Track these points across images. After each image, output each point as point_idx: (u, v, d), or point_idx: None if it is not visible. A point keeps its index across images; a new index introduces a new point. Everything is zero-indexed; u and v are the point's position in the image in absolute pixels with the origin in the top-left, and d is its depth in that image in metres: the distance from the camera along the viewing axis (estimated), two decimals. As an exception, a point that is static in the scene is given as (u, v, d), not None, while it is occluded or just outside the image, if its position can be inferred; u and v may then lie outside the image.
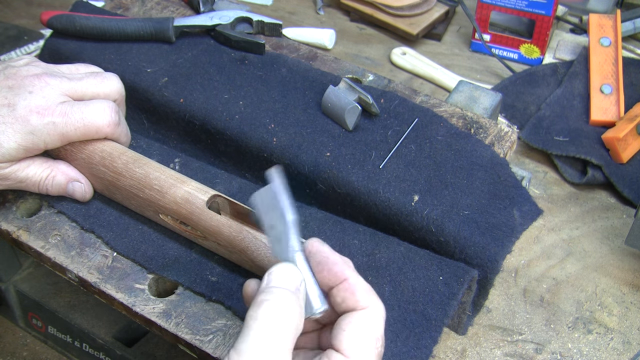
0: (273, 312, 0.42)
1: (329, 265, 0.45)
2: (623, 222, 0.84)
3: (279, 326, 0.41)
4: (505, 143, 0.70)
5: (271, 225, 0.46)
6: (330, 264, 0.45)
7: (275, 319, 0.41)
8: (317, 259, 0.45)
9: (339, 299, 0.45)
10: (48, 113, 0.60)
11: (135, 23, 0.79)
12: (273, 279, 0.44)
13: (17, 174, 0.62)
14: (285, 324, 0.42)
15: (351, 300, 0.44)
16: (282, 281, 0.44)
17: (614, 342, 0.71)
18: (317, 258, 0.45)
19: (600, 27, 1.01)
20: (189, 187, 0.60)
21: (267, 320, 0.41)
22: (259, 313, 0.41)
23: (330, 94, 0.70)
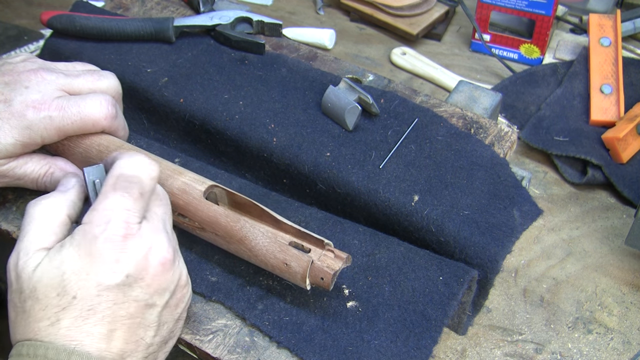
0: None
1: None
2: (623, 222, 0.84)
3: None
4: (505, 143, 0.70)
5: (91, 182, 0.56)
6: None
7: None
8: None
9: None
10: (44, 107, 0.60)
11: (135, 23, 0.79)
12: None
13: (15, 171, 0.62)
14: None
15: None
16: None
17: (614, 342, 0.71)
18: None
19: (600, 27, 1.01)
20: (186, 177, 0.59)
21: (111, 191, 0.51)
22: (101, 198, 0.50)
23: (330, 94, 0.70)
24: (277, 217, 0.57)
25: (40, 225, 0.51)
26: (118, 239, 0.48)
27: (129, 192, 0.50)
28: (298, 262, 0.53)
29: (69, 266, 0.47)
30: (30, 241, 0.50)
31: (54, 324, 0.47)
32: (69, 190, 0.55)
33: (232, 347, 0.56)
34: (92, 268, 0.47)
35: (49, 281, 0.47)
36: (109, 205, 0.49)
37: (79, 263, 0.47)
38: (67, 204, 0.53)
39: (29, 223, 0.51)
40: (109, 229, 0.48)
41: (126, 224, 0.48)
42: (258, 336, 0.56)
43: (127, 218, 0.49)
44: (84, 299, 0.47)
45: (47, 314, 0.47)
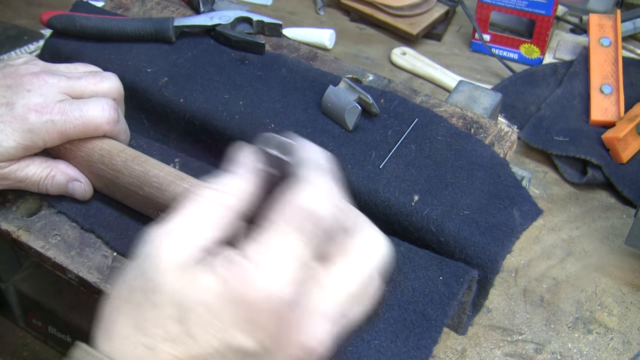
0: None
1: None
2: (623, 222, 0.84)
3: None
4: (505, 143, 0.70)
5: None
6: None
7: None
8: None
9: None
10: (46, 111, 0.60)
11: (135, 23, 0.79)
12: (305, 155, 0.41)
13: (17, 174, 0.62)
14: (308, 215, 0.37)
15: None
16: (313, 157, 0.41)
17: (614, 342, 0.71)
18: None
19: (600, 27, 1.01)
20: (188, 183, 0.59)
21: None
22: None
23: (330, 94, 0.70)
24: None
25: (207, 215, 0.39)
26: (276, 300, 0.35)
27: (308, 238, 0.37)
28: None
29: (204, 298, 0.36)
30: (193, 231, 0.38)
31: (150, 351, 0.36)
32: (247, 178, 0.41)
33: (232, 347, 0.55)
34: (228, 318, 0.35)
35: (180, 299, 0.36)
36: (276, 246, 0.36)
37: (216, 303, 0.35)
38: (244, 196, 0.40)
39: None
40: (266, 282, 0.35)
41: (291, 285, 0.36)
42: (258, 336, 0.56)
43: (295, 275, 0.36)
44: (203, 347, 0.36)
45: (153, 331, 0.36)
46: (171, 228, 0.38)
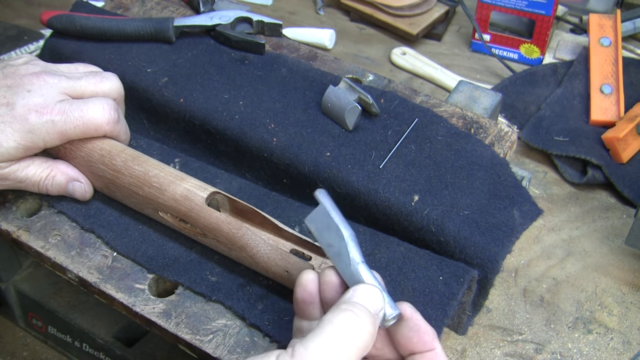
0: (351, 324, 0.42)
1: (420, 333, 0.46)
2: (623, 222, 0.84)
3: (351, 338, 0.41)
4: (505, 143, 0.70)
5: (329, 244, 0.47)
6: (422, 332, 0.46)
7: (351, 331, 0.41)
8: (409, 325, 0.46)
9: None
10: (47, 111, 0.60)
11: (135, 23, 0.79)
12: (358, 295, 0.44)
13: (17, 174, 0.62)
14: (357, 339, 0.42)
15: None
16: (366, 300, 0.44)
17: (614, 342, 0.71)
18: (410, 324, 0.46)
19: (600, 27, 1.01)
20: (188, 184, 0.60)
21: (342, 329, 0.41)
22: (337, 319, 0.42)
23: (330, 94, 0.70)
24: (278, 225, 0.57)
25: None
26: None
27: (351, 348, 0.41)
28: (299, 270, 0.53)
29: None
30: None
31: None
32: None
33: (232, 347, 0.56)
34: None
35: None
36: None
37: None
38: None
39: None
40: None
41: None
42: (258, 336, 0.56)
43: None
44: None
45: None
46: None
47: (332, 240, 0.47)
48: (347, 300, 0.44)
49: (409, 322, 0.46)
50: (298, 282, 0.48)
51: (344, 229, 0.47)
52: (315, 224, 0.48)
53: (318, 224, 0.47)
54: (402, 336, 0.46)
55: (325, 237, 0.47)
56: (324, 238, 0.47)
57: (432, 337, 0.46)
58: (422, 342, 0.46)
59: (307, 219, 0.48)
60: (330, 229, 0.47)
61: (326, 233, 0.47)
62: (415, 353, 0.46)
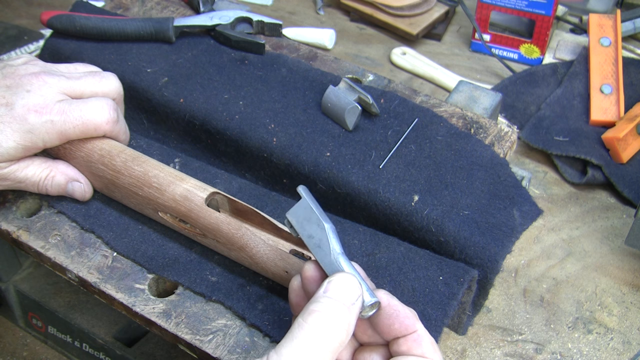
0: (322, 324, 0.41)
1: (400, 318, 0.46)
2: (623, 222, 0.84)
3: (324, 339, 0.41)
4: (505, 143, 0.70)
5: (309, 235, 0.48)
6: (402, 317, 0.46)
7: (323, 332, 0.41)
8: (388, 311, 0.46)
9: (404, 347, 0.46)
10: (46, 111, 0.60)
11: (135, 23, 0.79)
12: (331, 289, 0.44)
13: (16, 174, 0.62)
14: (331, 338, 0.41)
15: (417, 350, 0.46)
16: (340, 293, 0.44)
17: (614, 342, 0.71)
18: (389, 311, 0.46)
19: (600, 27, 1.01)
20: (187, 184, 0.59)
21: (314, 331, 0.41)
22: (308, 321, 0.42)
23: (330, 94, 0.70)
24: (278, 225, 0.57)
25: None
26: None
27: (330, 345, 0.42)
28: (298, 270, 0.53)
29: None
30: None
31: None
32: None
33: (232, 347, 0.56)
34: None
35: None
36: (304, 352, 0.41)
37: None
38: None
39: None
40: None
41: None
42: (258, 336, 0.56)
43: None
44: None
45: None
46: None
47: (313, 231, 0.48)
48: (318, 298, 0.43)
49: (387, 309, 0.46)
50: (290, 286, 0.49)
51: (324, 222, 0.48)
52: (297, 217, 0.49)
53: (299, 217, 0.49)
54: (383, 323, 0.46)
55: (306, 229, 0.48)
56: (305, 230, 0.48)
57: (412, 320, 0.46)
58: (404, 327, 0.45)
59: (289, 212, 0.49)
60: (311, 222, 0.48)
61: (307, 225, 0.48)
62: (399, 337, 0.46)
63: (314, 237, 0.48)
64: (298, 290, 0.48)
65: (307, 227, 0.48)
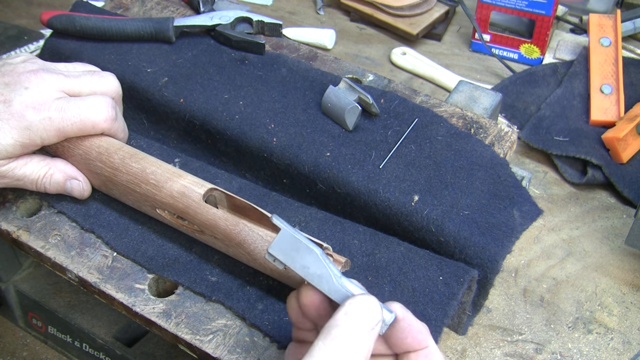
0: (342, 350, 0.41)
1: (413, 332, 0.45)
2: (623, 222, 0.84)
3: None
4: (505, 143, 0.70)
5: (304, 266, 0.46)
6: (415, 332, 0.45)
7: (343, 357, 0.41)
8: (402, 325, 0.45)
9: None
10: (44, 108, 0.60)
11: (135, 23, 0.79)
12: (354, 309, 0.43)
13: (15, 172, 0.62)
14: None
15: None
16: (361, 317, 0.43)
17: (614, 342, 0.71)
18: (402, 325, 0.45)
19: (600, 27, 1.01)
20: (185, 180, 0.59)
21: (334, 356, 0.40)
22: (328, 345, 0.41)
23: (330, 94, 0.70)
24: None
25: None
26: None
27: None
28: None
29: None
30: None
31: None
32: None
33: (232, 347, 0.56)
34: None
35: None
36: None
37: None
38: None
39: None
40: None
41: None
42: (258, 336, 0.56)
43: None
44: None
45: None
46: None
47: (306, 261, 0.46)
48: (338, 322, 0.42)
49: (401, 322, 0.45)
50: (289, 304, 0.48)
51: (314, 247, 0.46)
52: (282, 251, 0.46)
53: (285, 250, 0.46)
54: (396, 337, 0.45)
55: (297, 260, 0.46)
56: (296, 262, 0.46)
57: (425, 334, 0.45)
58: (417, 341, 0.45)
59: (271, 248, 0.46)
60: (300, 251, 0.46)
61: (297, 256, 0.46)
62: (410, 352, 0.46)
63: (309, 266, 0.46)
64: (298, 310, 0.48)
65: (297, 258, 0.46)
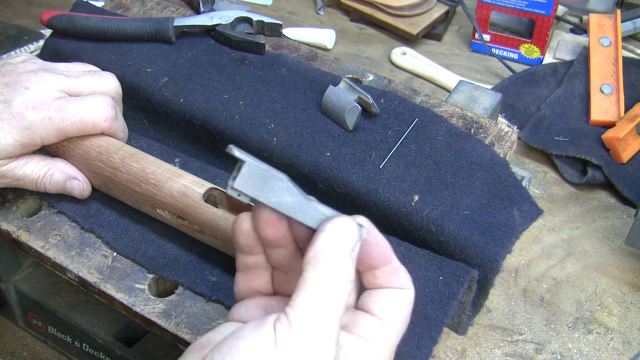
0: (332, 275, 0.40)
1: (379, 247, 0.43)
2: (623, 222, 0.84)
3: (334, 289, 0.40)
4: (505, 143, 0.70)
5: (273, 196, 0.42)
6: (380, 246, 0.44)
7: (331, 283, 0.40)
8: (368, 239, 0.43)
9: (381, 279, 0.44)
10: (44, 108, 0.60)
11: (135, 23, 0.79)
12: (333, 236, 0.41)
13: (15, 172, 0.62)
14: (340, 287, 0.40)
15: (395, 282, 0.44)
16: (342, 239, 0.41)
17: (614, 342, 0.71)
18: (369, 238, 0.43)
19: (600, 27, 1.01)
20: (185, 180, 0.59)
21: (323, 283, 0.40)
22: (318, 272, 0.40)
23: (330, 94, 0.70)
24: None
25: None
26: None
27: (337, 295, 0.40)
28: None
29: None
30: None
31: None
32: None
33: (232, 347, 0.55)
34: None
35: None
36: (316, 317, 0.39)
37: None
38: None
39: None
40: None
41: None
42: (258, 336, 0.56)
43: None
44: None
45: None
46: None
47: (275, 190, 0.42)
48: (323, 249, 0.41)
49: (368, 236, 0.43)
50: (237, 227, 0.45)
51: (281, 175, 0.42)
52: (248, 185, 0.41)
53: (250, 183, 0.41)
54: (362, 251, 0.43)
55: (265, 191, 0.41)
56: (264, 193, 0.41)
57: (389, 250, 0.44)
58: (382, 256, 0.44)
59: (237, 184, 0.41)
60: (267, 181, 0.41)
61: (265, 187, 0.42)
62: (375, 268, 0.44)
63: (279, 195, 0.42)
64: (248, 232, 0.45)
65: (264, 189, 0.41)
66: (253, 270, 0.47)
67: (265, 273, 0.47)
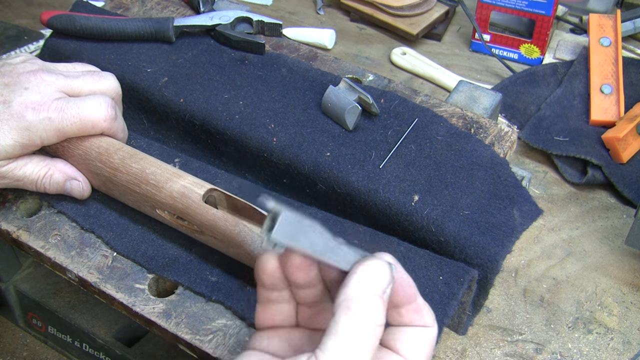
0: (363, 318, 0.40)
1: (404, 286, 0.44)
2: (623, 222, 0.84)
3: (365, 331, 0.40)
4: (505, 143, 0.70)
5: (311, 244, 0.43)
6: (406, 285, 0.44)
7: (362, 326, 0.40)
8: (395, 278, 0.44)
9: (406, 318, 0.45)
10: (44, 108, 0.60)
11: (135, 23, 0.79)
12: (365, 279, 0.41)
13: (14, 172, 0.62)
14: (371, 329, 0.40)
15: (419, 320, 0.45)
16: (374, 282, 0.41)
17: (614, 342, 0.71)
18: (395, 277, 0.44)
19: (600, 27, 1.01)
20: (185, 181, 0.59)
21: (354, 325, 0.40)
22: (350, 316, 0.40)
23: (330, 94, 0.70)
24: None
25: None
26: None
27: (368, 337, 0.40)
28: None
29: None
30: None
31: None
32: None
33: (232, 347, 0.56)
34: None
35: None
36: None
37: None
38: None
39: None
40: None
41: None
42: (258, 336, 0.56)
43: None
44: None
45: None
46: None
47: (313, 239, 0.42)
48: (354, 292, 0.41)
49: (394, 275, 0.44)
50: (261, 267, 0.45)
51: (315, 222, 0.42)
52: (285, 236, 0.42)
53: (287, 234, 0.42)
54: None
55: (301, 240, 0.42)
56: (301, 242, 0.42)
57: (414, 289, 0.44)
58: (407, 295, 0.44)
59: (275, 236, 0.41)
60: (301, 229, 0.42)
61: (302, 237, 0.42)
62: (400, 307, 0.44)
63: (315, 243, 0.42)
64: (274, 272, 0.45)
65: (302, 240, 0.42)
66: (276, 304, 0.47)
67: (289, 307, 0.47)
